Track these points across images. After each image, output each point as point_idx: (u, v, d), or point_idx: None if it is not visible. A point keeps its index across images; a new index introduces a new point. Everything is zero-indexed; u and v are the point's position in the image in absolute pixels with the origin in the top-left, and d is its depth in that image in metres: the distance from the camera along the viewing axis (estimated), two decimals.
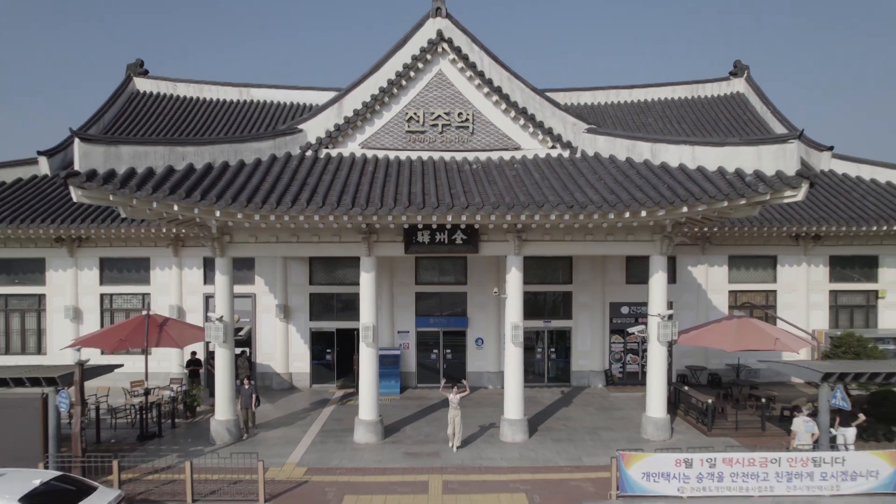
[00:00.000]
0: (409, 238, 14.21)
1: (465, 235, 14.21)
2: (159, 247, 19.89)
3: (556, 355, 20.76)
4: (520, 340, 14.47)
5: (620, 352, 20.69)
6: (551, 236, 14.63)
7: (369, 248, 14.25)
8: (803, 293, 20.68)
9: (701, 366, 20.28)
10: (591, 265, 20.29)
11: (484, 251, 14.61)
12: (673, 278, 20.22)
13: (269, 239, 14.61)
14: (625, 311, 20.52)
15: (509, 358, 14.62)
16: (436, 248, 14.35)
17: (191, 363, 18.85)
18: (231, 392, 14.78)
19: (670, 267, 19.96)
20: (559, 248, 14.91)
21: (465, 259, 20.13)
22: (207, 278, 19.99)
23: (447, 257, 19.73)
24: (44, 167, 20.75)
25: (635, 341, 20.35)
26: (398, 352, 19.80)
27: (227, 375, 14.71)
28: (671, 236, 14.49)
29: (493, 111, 15.95)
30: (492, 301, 19.84)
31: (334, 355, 20.45)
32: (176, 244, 19.77)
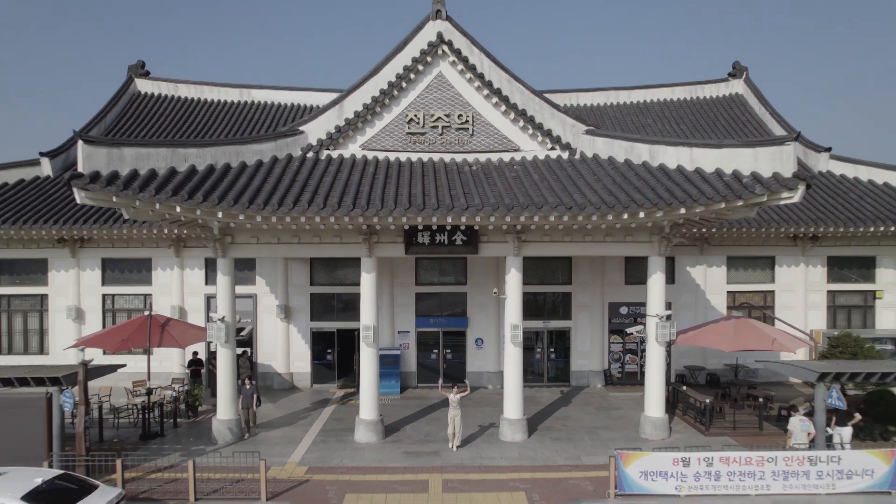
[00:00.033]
0: (410, 239, 14.32)
1: (465, 236, 14.32)
2: (161, 247, 20.01)
3: (555, 355, 20.88)
4: (519, 340, 14.59)
5: (619, 352, 20.80)
6: (550, 237, 14.75)
7: (370, 249, 14.37)
8: (801, 294, 20.79)
9: (699, 366, 20.40)
10: (591, 266, 20.40)
11: (483, 252, 14.72)
12: (672, 279, 20.34)
13: (271, 240, 14.73)
14: (624, 311, 20.63)
15: (509, 358, 14.73)
16: (436, 248, 14.47)
17: (192, 363, 18.95)
18: (233, 392, 14.90)
19: (669, 267, 20.07)
20: (558, 249, 15.03)
21: (465, 260, 20.23)
22: (209, 279, 20.11)
23: (447, 258, 19.84)
24: (46, 168, 20.88)
25: (634, 341, 20.45)
26: (398, 352, 19.92)
27: (229, 375, 14.83)
28: (669, 237, 14.60)
29: (493, 113, 16.07)
30: (491, 301, 19.95)
31: (335, 355, 20.57)
32: (177, 245, 19.89)
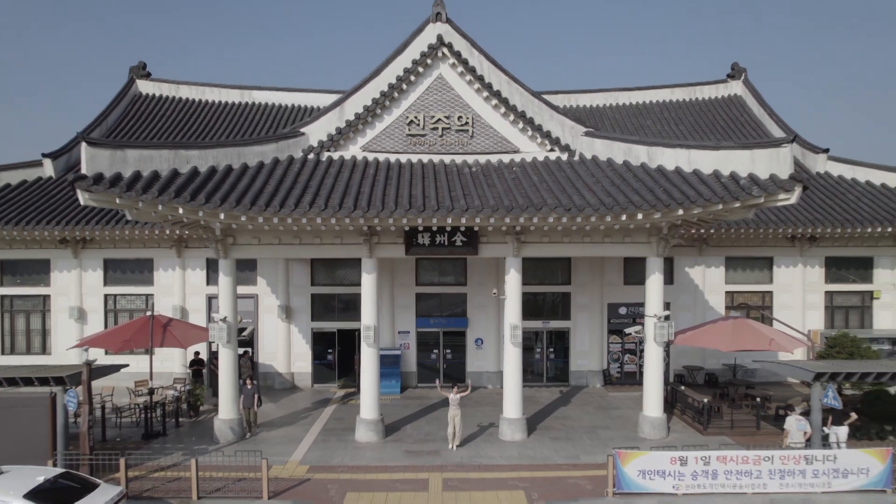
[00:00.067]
0: (410, 240, 14.44)
1: (465, 237, 14.44)
2: (162, 248, 20.13)
3: (554, 355, 20.99)
4: (518, 341, 14.70)
5: (618, 352, 20.92)
6: (550, 238, 14.87)
7: (370, 250, 14.48)
8: (799, 294, 20.91)
9: (698, 366, 20.52)
10: (590, 266, 20.52)
11: (483, 253, 14.84)
12: (670, 279, 20.44)
13: (272, 241, 14.85)
14: (623, 311, 20.75)
15: (508, 358, 14.85)
16: (436, 249, 14.58)
17: (194, 363, 19.07)
18: (234, 391, 15.01)
19: (668, 268, 20.14)
20: (557, 250, 15.14)
21: (465, 260, 20.35)
22: (210, 279, 20.22)
23: (447, 258, 19.95)
24: (48, 169, 20.97)
25: (633, 342, 20.55)
26: (399, 352, 20.03)
27: (231, 375, 14.94)
28: (667, 238, 14.72)
29: (493, 115, 16.18)
30: (491, 302, 20.07)
31: (335, 355, 20.69)
32: (179, 245, 20.01)
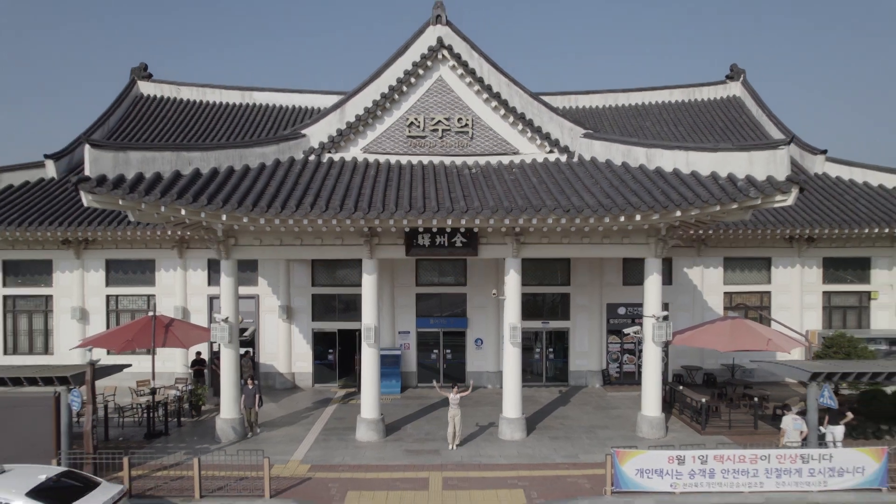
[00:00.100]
0: (410, 241, 14.56)
1: (465, 238, 14.56)
2: (164, 249, 20.25)
3: (554, 355, 21.11)
4: (518, 341, 14.82)
5: (617, 352, 21.04)
6: (549, 239, 14.98)
7: (371, 251, 14.60)
8: (797, 294, 21.02)
9: (696, 366, 20.64)
10: (589, 267, 20.63)
11: (483, 254, 14.96)
12: (669, 280, 20.55)
13: (274, 242, 14.96)
14: (622, 311, 20.87)
15: (508, 358, 14.96)
16: (436, 250, 14.70)
17: (195, 363, 19.17)
18: (236, 391, 15.12)
19: (666, 269, 20.27)
20: (557, 251, 15.26)
21: (465, 261, 20.45)
22: (211, 279, 20.34)
23: (447, 259, 20.06)
24: (50, 170, 21.11)
25: (632, 342, 20.67)
26: (399, 352, 20.14)
27: (233, 375, 15.06)
28: (666, 239, 14.83)
29: (492, 116, 16.29)
30: (491, 302, 20.18)
31: (336, 355, 20.81)
32: (180, 246, 20.12)
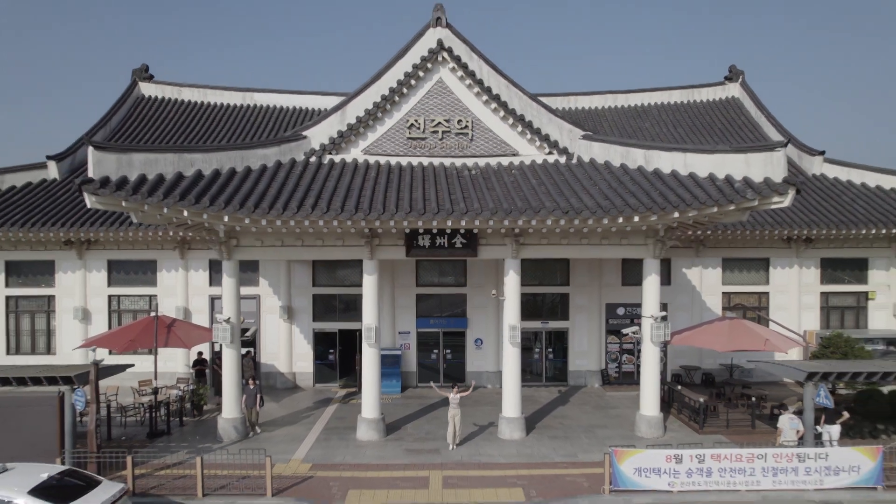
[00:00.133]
0: (410, 242, 14.67)
1: (465, 239, 14.67)
2: (166, 249, 20.36)
3: (553, 355, 21.22)
4: (517, 341, 14.93)
5: (616, 352, 21.15)
6: (548, 240, 15.10)
7: (371, 252, 14.71)
8: (795, 295, 21.14)
9: (695, 366, 20.75)
10: (588, 267, 20.75)
11: (483, 254, 15.08)
12: (668, 280, 20.67)
13: (275, 243, 15.08)
14: (621, 312, 20.98)
15: (507, 358, 15.07)
16: (436, 251, 14.83)
17: (197, 363, 19.29)
18: (238, 391, 15.23)
19: (665, 269, 20.41)
20: (556, 252, 15.38)
21: (465, 262, 20.56)
22: (213, 280, 20.45)
23: (447, 260, 20.16)
24: (53, 171, 21.22)
25: (631, 342, 20.78)
26: (399, 352, 20.26)
27: (234, 375, 15.17)
28: (664, 240, 14.95)
29: (492, 118, 16.41)
30: (491, 302, 20.30)
31: (337, 355, 20.92)
32: (182, 247, 20.24)
